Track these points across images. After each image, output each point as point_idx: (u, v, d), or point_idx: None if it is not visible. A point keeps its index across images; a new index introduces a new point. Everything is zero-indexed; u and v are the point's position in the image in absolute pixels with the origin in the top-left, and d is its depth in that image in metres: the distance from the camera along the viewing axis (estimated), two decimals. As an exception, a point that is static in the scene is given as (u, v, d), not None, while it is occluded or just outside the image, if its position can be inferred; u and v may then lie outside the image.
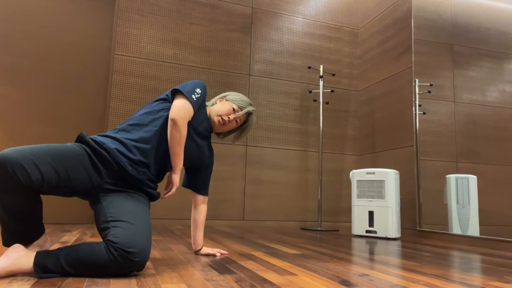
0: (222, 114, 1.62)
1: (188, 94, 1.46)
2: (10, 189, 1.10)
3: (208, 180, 1.73)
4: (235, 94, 1.71)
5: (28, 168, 1.09)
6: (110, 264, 1.14)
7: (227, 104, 1.65)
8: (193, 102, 1.46)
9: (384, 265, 1.61)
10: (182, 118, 1.41)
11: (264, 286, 1.13)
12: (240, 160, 3.67)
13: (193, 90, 1.49)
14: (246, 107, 1.68)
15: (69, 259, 1.13)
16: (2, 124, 3.13)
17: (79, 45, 3.41)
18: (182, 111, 1.41)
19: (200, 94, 1.51)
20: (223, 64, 3.72)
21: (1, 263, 1.10)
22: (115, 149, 1.32)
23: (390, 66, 3.76)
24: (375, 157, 3.86)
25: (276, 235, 2.76)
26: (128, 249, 1.14)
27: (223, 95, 1.72)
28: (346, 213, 3.99)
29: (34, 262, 1.12)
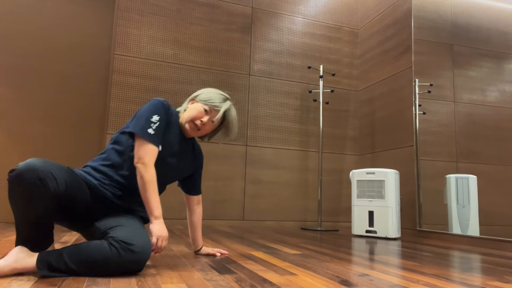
0: (193, 119, 1.49)
1: (143, 134, 1.34)
2: (38, 198, 1.13)
3: (199, 180, 1.69)
4: (206, 92, 1.56)
5: (56, 176, 1.16)
6: (112, 258, 1.16)
7: (198, 107, 1.51)
8: (152, 138, 1.35)
9: (384, 265, 1.61)
10: (144, 164, 1.33)
11: (264, 286, 1.13)
12: (240, 160, 3.67)
13: (147, 123, 1.36)
14: (219, 105, 1.52)
15: (72, 255, 1.15)
16: (2, 124, 3.13)
17: (79, 45, 3.41)
18: (142, 155, 1.33)
19: (159, 121, 1.39)
20: (223, 64, 3.72)
21: (5, 260, 1.12)
22: (98, 185, 1.36)
23: (390, 66, 3.76)
24: (375, 157, 3.86)
25: (276, 235, 2.76)
26: (129, 241, 1.18)
27: (193, 96, 1.57)
28: (346, 213, 3.99)
29: (38, 258, 1.14)
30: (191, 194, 1.68)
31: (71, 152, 3.29)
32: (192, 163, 1.63)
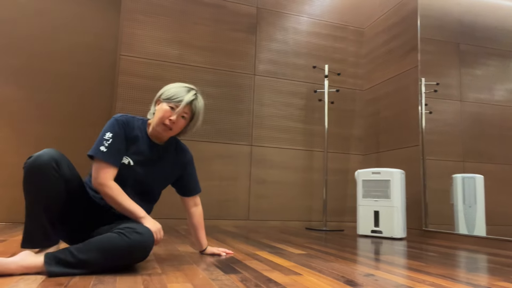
0: (162, 121, 1.45)
1: (95, 153, 1.35)
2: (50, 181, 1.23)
3: (192, 180, 1.65)
4: (169, 88, 1.50)
5: (69, 165, 1.31)
6: (120, 242, 1.20)
7: (163, 106, 1.46)
8: (104, 155, 1.35)
9: (390, 265, 1.60)
10: (100, 184, 1.33)
11: (269, 286, 1.13)
12: (245, 160, 3.67)
13: (100, 142, 1.37)
14: (183, 98, 1.46)
15: (80, 248, 1.19)
16: (11, 124, 3.16)
17: (86, 46, 3.44)
18: (96, 176, 1.34)
19: (112, 138, 1.38)
20: (228, 64, 3.73)
21: (14, 258, 1.15)
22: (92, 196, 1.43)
23: (395, 65, 3.74)
24: (380, 156, 3.84)
25: (281, 235, 2.76)
26: (133, 227, 1.25)
27: (157, 97, 1.53)
28: (352, 213, 3.98)
29: (45, 255, 1.16)
30: (185, 195, 1.66)
31: (77, 152, 3.31)
32: (176, 166, 1.59)
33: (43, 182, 1.22)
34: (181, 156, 1.60)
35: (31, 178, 1.21)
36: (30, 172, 1.21)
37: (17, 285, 1.03)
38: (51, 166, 1.22)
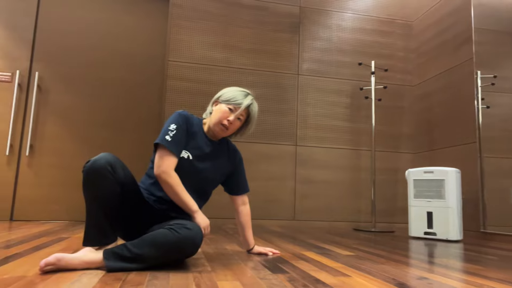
0: (220, 121, 1.53)
1: (161, 140, 1.43)
2: (106, 184, 1.30)
3: (242, 179, 1.71)
4: (227, 91, 1.59)
5: (123, 168, 1.36)
6: (172, 237, 1.26)
7: (222, 107, 1.55)
8: (169, 144, 1.43)
9: (445, 268, 1.53)
10: (163, 171, 1.41)
11: (317, 287, 1.13)
12: (289, 160, 3.67)
13: (165, 132, 1.45)
14: (243, 101, 1.55)
15: (135, 243, 1.27)
16: (71, 130, 3.40)
17: (136, 54, 3.62)
18: (160, 163, 1.41)
19: (176, 129, 1.46)
20: (271, 65, 3.75)
21: (76, 254, 1.24)
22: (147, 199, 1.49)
23: (448, 59, 3.55)
24: (433, 155, 3.67)
25: (328, 236, 2.72)
26: (183, 223, 1.31)
27: (216, 98, 1.62)
28: (402, 213, 3.83)
29: (103, 251, 1.25)
30: (234, 194, 1.72)
31: (130, 155, 3.50)
32: (228, 164, 1.66)
33: (100, 184, 1.29)
34: (233, 155, 1.68)
35: (89, 181, 1.29)
36: (88, 176, 1.29)
37: (80, 279, 1.11)
38: (106, 170, 1.28)
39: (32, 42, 3.40)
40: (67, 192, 3.33)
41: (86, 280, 1.10)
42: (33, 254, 1.53)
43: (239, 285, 1.12)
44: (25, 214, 3.23)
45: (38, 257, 1.47)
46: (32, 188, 3.27)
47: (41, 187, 3.29)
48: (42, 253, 1.55)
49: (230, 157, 1.67)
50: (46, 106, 3.38)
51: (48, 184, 3.30)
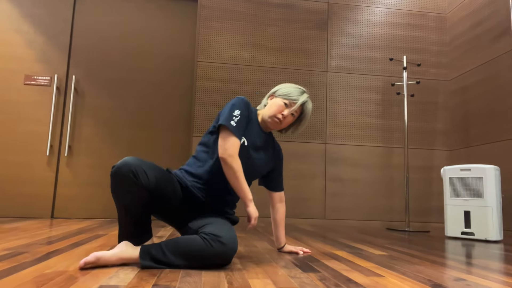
0: (275, 114, 1.56)
1: (227, 124, 1.43)
2: (133, 191, 1.28)
3: (281, 177, 1.75)
4: (284, 87, 1.62)
5: (147, 172, 1.29)
6: (205, 248, 1.26)
7: (278, 101, 1.58)
8: (234, 129, 1.44)
9: (484, 270, 1.47)
10: (229, 155, 1.41)
11: (349, 286, 1.11)
12: (319, 158, 3.63)
13: (230, 116, 1.45)
14: (299, 98, 1.58)
15: (170, 247, 1.28)
16: (106, 131, 3.53)
17: (167, 56, 3.70)
18: (227, 147, 1.42)
19: (240, 115, 1.47)
20: (300, 63, 3.72)
21: (113, 251, 1.28)
22: (191, 186, 1.48)
23: (485, 51, 3.40)
24: (470, 152, 3.52)
25: (360, 235, 2.68)
26: (218, 234, 1.28)
27: (272, 92, 1.65)
28: (438, 213, 3.71)
29: (140, 249, 1.28)
30: (273, 190, 1.73)
31: (161, 154, 3.59)
32: (273, 157, 1.70)
33: (124, 191, 1.29)
34: (278, 151, 1.73)
35: (114, 188, 1.30)
36: (113, 182, 1.30)
37: (118, 274, 1.16)
38: (129, 178, 1.26)
39: (69, 47, 3.56)
40: (103, 191, 3.46)
41: (123, 275, 1.14)
42: (73, 250, 1.60)
43: (270, 283, 1.12)
44: (64, 212, 3.39)
45: (78, 253, 1.54)
46: (71, 187, 3.42)
47: (79, 186, 3.43)
48: (81, 249, 1.62)
49: (275, 153, 1.71)
50: (83, 108, 3.52)
51: (85, 183, 3.44)
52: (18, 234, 2.07)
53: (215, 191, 1.50)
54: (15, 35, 3.48)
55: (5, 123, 3.38)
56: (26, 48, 3.48)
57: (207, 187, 1.50)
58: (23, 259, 1.35)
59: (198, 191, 1.49)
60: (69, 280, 1.07)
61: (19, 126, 3.40)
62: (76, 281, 1.06)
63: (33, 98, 3.44)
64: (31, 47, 3.49)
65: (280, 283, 1.12)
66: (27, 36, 3.49)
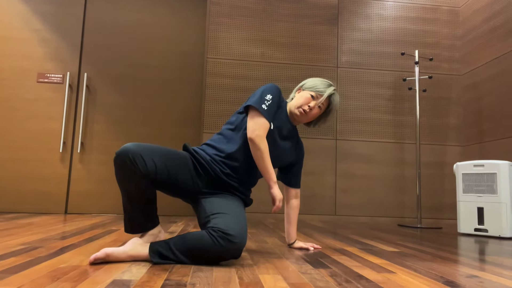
0: (302, 105, 1.60)
1: (258, 106, 1.46)
2: (132, 178, 1.29)
3: (299, 173, 1.76)
4: (311, 80, 1.66)
5: (145, 158, 1.29)
6: (212, 246, 1.24)
7: (305, 94, 1.62)
8: (265, 112, 1.47)
9: (497, 267, 1.45)
10: (258, 136, 1.44)
11: (360, 283, 1.11)
12: (329, 154, 3.62)
13: (262, 100, 1.48)
14: (325, 90, 1.62)
15: (178, 245, 1.28)
16: (118, 128, 3.56)
17: (176, 52, 3.71)
18: (256, 128, 1.44)
19: (271, 100, 1.50)
20: (309, 58, 3.70)
21: (123, 248, 1.29)
22: (210, 161, 1.48)
23: (499, 45, 3.33)
24: (483, 147, 3.47)
25: (371, 231, 2.67)
26: (227, 231, 1.25)
27: (300, 86, 1.70)
28: (450, 209, 3.66)
29: (149, 247, 1.29)
30: (291, 186, 1.74)
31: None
32: (296, 151, 1.71)
33: (124, 178, 1.30)
34: (300, 147, 1.75)
35: (116, 174, 1.33)
36: (115, 169, 1.33)
37: (130, 269, 1.17)
38: (127, 165, 1.27)
39: (81, 45, 3.59)
40: (115, 187, 3.50)
41: (136, 270, 1.16)
42: (86, 245, 1.63)
43: (281, 279, 1.13)
44: (78, 207, 3.44)
45: (91, 248, 1.56)
46: (83, 183, 3.47)
47: (91, 182, 3.48)
48: (95, 244, 1.65)
49: (298, 147, 1.74)
50: (95, 105, 3.56)
51: (98, 179, 3.49)
52: (33, 229, 2.11)
53: (236, 168, 1.50)
54: (27, 33, 3.53)
55: (19, 121, 3.44)
56: (38, 46, 3.53)
57: (229, 162, 1.49)
58: (38, 254, 1.38)
59: (217, 165, 1.48)
60: (83, 275, 1.08)
61: (33, 123, 3.45)
62: (90, 276, 1.07)
63: (46, 96, 3.49)
64: (44, 45, 3.54)
65: (290, 279, 1.13)
66: (39, 34, 3.54)
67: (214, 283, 1.04)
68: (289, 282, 1.09)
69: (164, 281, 1.04)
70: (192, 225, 2.63)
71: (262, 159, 1.45)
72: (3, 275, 1.05)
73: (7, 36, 3.51)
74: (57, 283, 0.99)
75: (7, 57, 3.49)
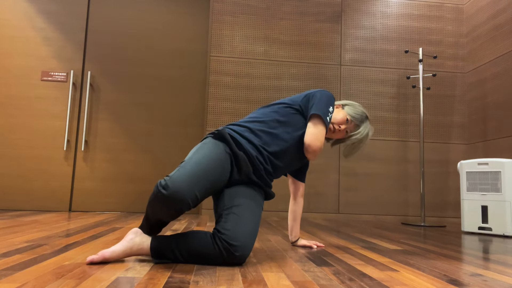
0: (335, 123, 1.65)
1: (324, 118, 1.50)
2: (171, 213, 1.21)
3: (306, 170, 1.79)
4: (353, 106, 1.70)
5: (198, 195, 1.22)
6: (213, 255, 1.22)
7: (342, 114, 1.67)
8: (327, 126, 1.52)
9: (502, 265, 1.44)
10: (319, 148, 1.50)
11: (363, 281, 1.11)
12: (333, 152, 3.61)
13: (327, 111, 1.52)
14: (360, 122, 1.68)
15: (180, 246, 1.24)
16: (121, 125, 3.58)
17: (179, 50, 3.72)
18: (320, 141, 1.49)
19: (331, 113, 1.55)
20: (313, 56, 3.69)
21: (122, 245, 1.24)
22: (255, 158, 1.41)
23: (504, 42, 3.31)
24: (487, 145, 3.45)
25: (374, 230, 2.66)
26: (231, 242, 1.22)
27: (341, 103, 1.73)
28: (454, 208, 3.65)
29: (151, 245, 1.23)
30: (297, 179, 1.76)
31: (175, 148, 3.62)
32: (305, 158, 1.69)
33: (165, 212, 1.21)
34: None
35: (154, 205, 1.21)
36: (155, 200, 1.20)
37: (134, 267, 1.18)
38: (175, 207, 1.19)
39: (84, 43, 3.60)
40: (119, 185, 3.52)
41: (139, 268, 1.16)
42: (90, 242, 1.64)
43: (284, 277, 1.13)
44: (82, 205, 3.46)
45: (96, 245, 1.57)
46: (88, 181, 3.49)
47: (95, 180, 3.49)
48: (99, 242, 1.66)
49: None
50: (98, 104, 3.57)
51: (101, 177, 3.50)
52: (37, 227, 2.13)
53: (277, 167, 1.49)
54: (31, 32, 3.54)
55: (24, 119, 3.46)
56: (42, 44, 3.54)
57: (274, 161, 1.46)
58: (43, 251, 1.39)
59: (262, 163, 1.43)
60: (87, 272, 1.09)
61: (37, 121, 3.47)
62: (94, 273, 1.08)
63: (50, 94, 3.51)
64: (47, 43, 3.55)
65: (293, 277, 1.13)
66: (43, 33, 3.55)
67: (218, 281, 1.04)
68: (292, 280, 1.09)
69: (167, 279, 1.04)
70: (195, 223, 2.64)
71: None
72: (8, 272, 1.06)
73: (11, 35, 3.52)
74: (62, 280, 0.99)
75: (12, 56, 3.51)
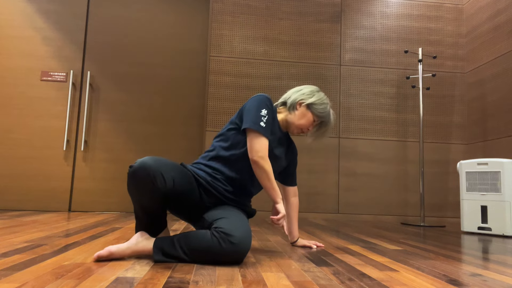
0: (302, 128, 1.61)
1: (256, 126, 1.43)
2: (147, 192, 1.28)
3: (295, 172, 1.76)
4: (319, 100, 1.62)
5: (165, 175, 1.28)
6: (213, 247, 1.24)
7: (309, 116, 1.60)
8: (263, 130, 1.44)
9: (501, 265, 1.44)
10: (261, 157, 1.42)
11: (362, 281, 1.11)
12: (332, 152, 3.61)
13: (258, 117, 1.44)
14: (326, 117, 1.62)
15: (182, 243, 1.28)
16: (122, 126, 3.57)
17: (180, 51, 3.72)
18: (259, 149, 1.42)
19: (267, 114, 1.47)
20: (312, 56, 3.70)
21: (128, 243, 1.30)
22: (211, 182, 1.46)
23: (504, 42, 3.31)
24: (487, 145, 3.45)
25: (374, 230, 2.66)
26: (228, 232, 1.24)
27: (302, 100, 1.62)
28: (454, 208, 3.65)
29: (154, 244, 1.29)
30: (288, 185, 1.74)
31: (175, 148, 3.62)
32: (289, 153, 1.71)
33: (140, 192, 1.30)
34: (292, 147, 1.74)
35: (130, 187, 1.31)
36: (129, 182, 1.30)
37: (134, 267, 1.18)
38: (146, 182, 1.26)
39: (84, 43, 3.60)
40: (118, 185, 3.52)
41: (139, 268, 1.16)
42: (90, 242, 1.64)
43: (284, 277, 1.13)
44: (81, 205, 3.46)
45: (95, 245, 1.57)
46: (87, 181, 3.49)
47: (95, 181, 3.49)
48: (98, 242, 1.66)
49: (290, 148, 1.73)
50: (98, 104, 3.57)
51: (101, 177, 3.50)
52: (37, 227, 2.13)
53: (235, 187, 1.50)
54: (31, 32, 3.54)
55: (23, 119, 3.46)
56: (42, 44, 3.54)
57: (229, 182, 1.49)
58: (42, 251, 1.38)
59: (218, 184, 1.47)
60: (86, 272, 1.09)
61: (37, 121, 3.47)
62: (94, 273, 1.08)
63: (50, 94, 3.51)
64: (47, 43, 3.55)
65: (293, 277, 1.13)
66: (42, 33, 3.55)
67: (217, 281, 1.04)
68: (292, 280, 1.09)
69: (167, 279, 1.04)
70: (195, 223, 2.63)
71: (268, 179, 1.44)
72: (7, 272, 1.06)
73: (10, 35, 3.52)
74: (61, 280, 0.99)
75: (11, 56, 3.50)
